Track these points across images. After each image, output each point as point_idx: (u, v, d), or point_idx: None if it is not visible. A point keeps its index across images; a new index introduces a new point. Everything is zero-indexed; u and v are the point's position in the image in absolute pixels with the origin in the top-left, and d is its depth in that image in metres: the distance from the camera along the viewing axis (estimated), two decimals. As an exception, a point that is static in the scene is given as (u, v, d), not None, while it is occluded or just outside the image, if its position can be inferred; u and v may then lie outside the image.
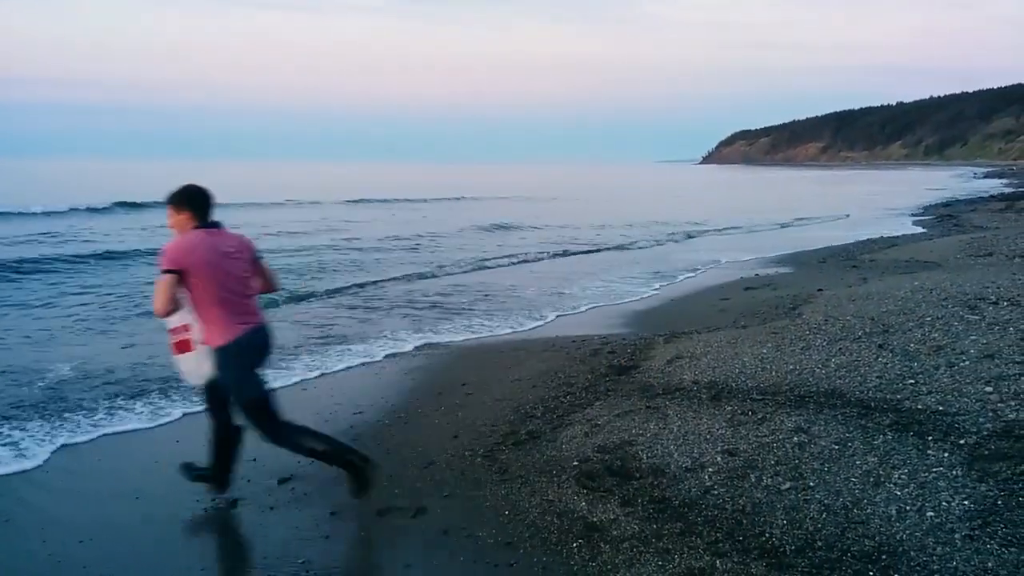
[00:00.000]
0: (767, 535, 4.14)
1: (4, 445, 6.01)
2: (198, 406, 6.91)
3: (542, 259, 18.78)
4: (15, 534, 4.71)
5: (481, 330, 10.38)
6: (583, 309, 11.88)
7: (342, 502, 5.03)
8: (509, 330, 10.38)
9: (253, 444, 6.10)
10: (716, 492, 4.63)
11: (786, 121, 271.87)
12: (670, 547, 4.14)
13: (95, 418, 6.66)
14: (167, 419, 6.76)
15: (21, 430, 6.28)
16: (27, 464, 5.72)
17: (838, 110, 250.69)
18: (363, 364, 8.59)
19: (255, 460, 5.78)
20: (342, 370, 8.35)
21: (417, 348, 9.29)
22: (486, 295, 13.06)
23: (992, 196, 41.11)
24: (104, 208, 29.92)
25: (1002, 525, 3.94)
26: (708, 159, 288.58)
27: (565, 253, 19.88)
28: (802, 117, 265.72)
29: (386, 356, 8.91)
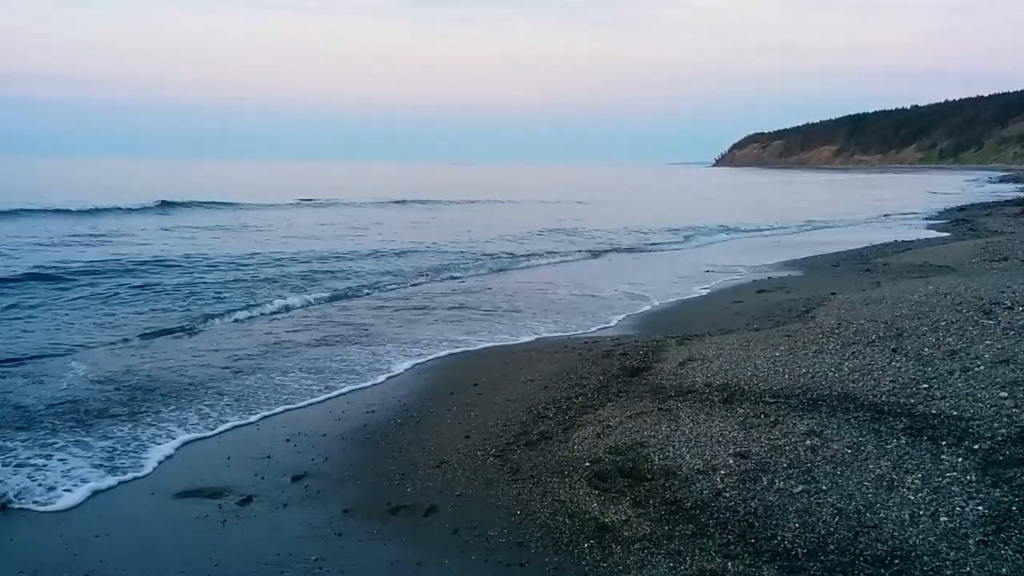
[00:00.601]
0: (779, 538, 4.14)
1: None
2: (244, 418, 7.02)
3: (597, 256, 19.38)
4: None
5: (544, 331, 10.24)
6: (644, 309, 11.86)
7: (355, 500, 5.06)
8: (575, 331, 10.22)
9: (267, 442, 6.17)
10: (728, 494, 4.63)
11: (799, 124, 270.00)
12: (681, 549, 4.14)
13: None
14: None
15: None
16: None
17: (852, 113, 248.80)
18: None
19: (269, 458, 5.83)
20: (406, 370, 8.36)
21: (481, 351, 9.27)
22: (533, 296, 13.15)
23: (1008, 201, 40.76)
24: (147, 207, 29.92)
25: (1016, 531, 3.92)
26: (721, 162, 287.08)
27: (600, 253, 20.17)
28: (815, 120, 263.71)
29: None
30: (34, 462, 5.64)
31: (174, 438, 6.22)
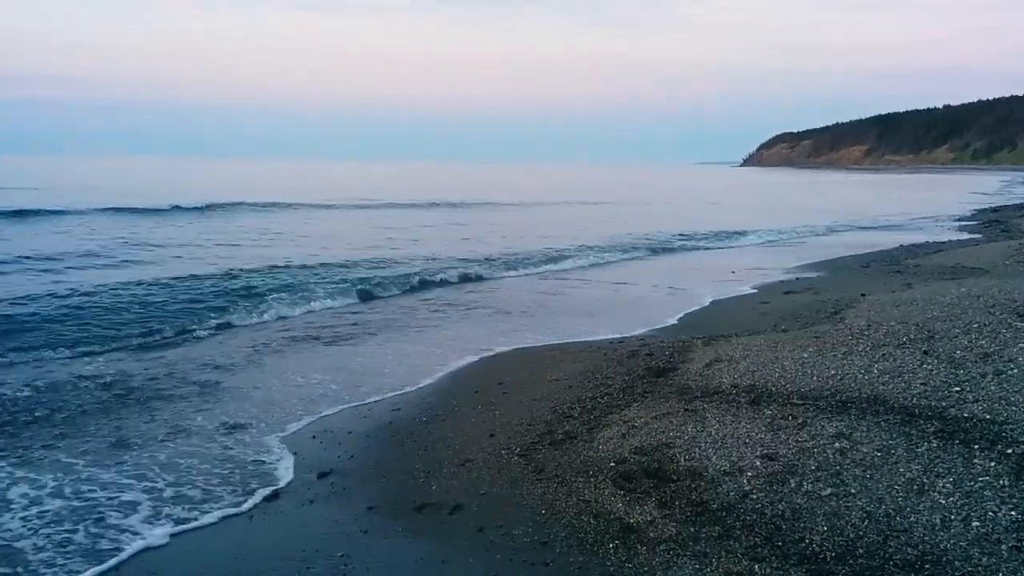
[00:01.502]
0: (807, 541, 4.09)
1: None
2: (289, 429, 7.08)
3: (642, 257, 19.71)
4: None
5: (602, 332, 10.11)
6: (694, 309, 11.78)
7: (380, 497, 5.09)
8: (632, 331, 10.09)
9: (293, 439, 6.22)
10: (755, 496, 4.59)
11: (828, 124, 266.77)
12: (708, 551, 4.12)
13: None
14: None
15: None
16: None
17: (882, 113, 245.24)
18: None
19: (296, 454, 5.88)
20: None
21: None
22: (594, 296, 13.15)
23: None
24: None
25: (1051, 537, 3.85)
26: (748, 161, 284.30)
27: (653, 251, 20.40)
28: (845, 120, 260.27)
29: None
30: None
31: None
